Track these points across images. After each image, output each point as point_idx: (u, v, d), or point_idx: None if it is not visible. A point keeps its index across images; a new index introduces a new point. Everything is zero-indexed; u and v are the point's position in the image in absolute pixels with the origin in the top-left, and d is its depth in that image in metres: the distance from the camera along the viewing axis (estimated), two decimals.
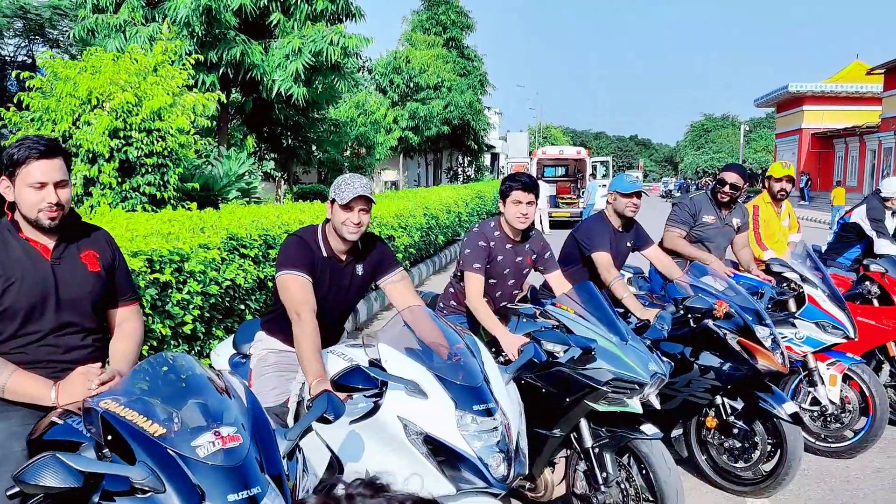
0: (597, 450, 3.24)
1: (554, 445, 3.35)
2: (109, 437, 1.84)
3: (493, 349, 3.56)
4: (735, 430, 3.93)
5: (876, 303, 5.09)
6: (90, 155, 6.20)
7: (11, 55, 17.86)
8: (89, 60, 6.70)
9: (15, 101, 6.88)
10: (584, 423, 3.26)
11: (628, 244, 4.47)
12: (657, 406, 3.25)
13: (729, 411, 3.94)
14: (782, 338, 4.55)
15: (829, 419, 4.56)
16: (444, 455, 2.40)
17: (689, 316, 3.85)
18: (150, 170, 6.33)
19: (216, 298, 4.45)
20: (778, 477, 3.84)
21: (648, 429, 3.19)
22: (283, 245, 3.03)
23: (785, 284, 4.74)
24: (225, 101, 9.35)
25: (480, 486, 2.39)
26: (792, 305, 4.67)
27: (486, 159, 45.23)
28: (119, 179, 6.24)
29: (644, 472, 3.20)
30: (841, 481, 4.25)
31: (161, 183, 6.39)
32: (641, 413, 3.19)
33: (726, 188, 4.96)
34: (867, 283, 5.15)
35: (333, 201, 2.96)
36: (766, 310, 4.62)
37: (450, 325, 2.82)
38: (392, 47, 29.07)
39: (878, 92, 33.54)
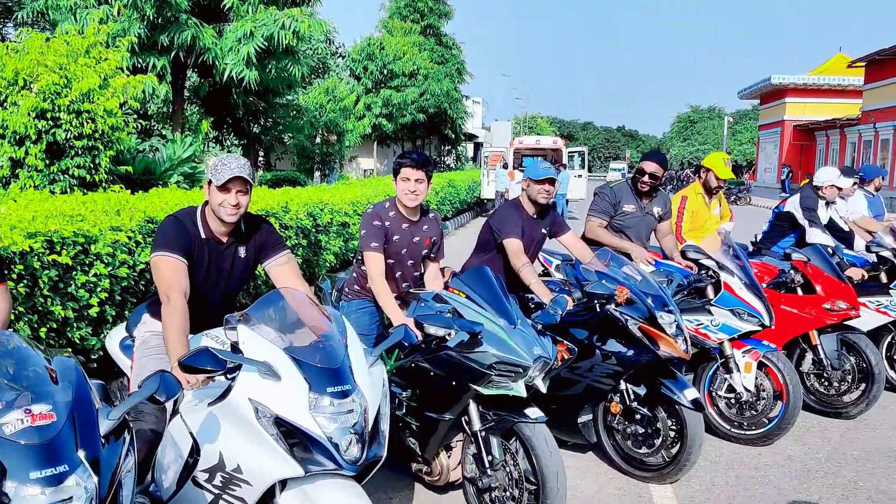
0: (484, 433, 3.25)
1: (445, 429, 3.35)
2: None
3: None
4: (638, 416, 3.94)
5: (800, 291, 5.12)
6: (17, 136, 6.11)
7: None
8: (23, 42, 6.60)
9: None
10: (473, 407, 3.26)
11: (543, 231, 4.46)
12: (543, 390, 3.25)
13: (632, 397, 3.95)
14: (698, 325, 4.57)
15: (744, 406, 4.58)
16: (296, 437, 2.38)
17: (595, 301, 3.86)
18: (79, 152, 6.22)
19: (128, 281, 4.41)
20: (679, 463, 3.85)
21: (533, 412, 3.20)
22: (159, 226, 3.00)
23: (704, 272, 4.75)
24: (172, 83, 9.18)
25: (330, 468, 2.37)
26: (710, 292, 4.68)
27: (469, 149, 45.03)
28: (47, 161, 6.15)
29: (528, 455, 3.20)
30: (750, 469, 4.27)
31: (92, 166, 6.31)
32: (525, 397, 3.19)
33: (645, 177, 4.95)
34: (791, 271, 5.16)
35: (210, 182, 2.93)
36: (685, 297, 4.65)
37: (320, 308, 2.80)
38: (372, 34, 28.88)
39: (860, 85, 33.66)
